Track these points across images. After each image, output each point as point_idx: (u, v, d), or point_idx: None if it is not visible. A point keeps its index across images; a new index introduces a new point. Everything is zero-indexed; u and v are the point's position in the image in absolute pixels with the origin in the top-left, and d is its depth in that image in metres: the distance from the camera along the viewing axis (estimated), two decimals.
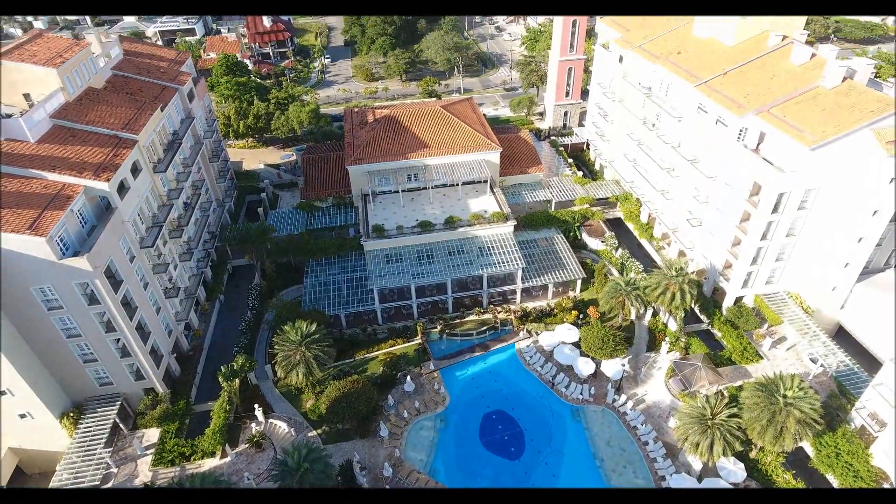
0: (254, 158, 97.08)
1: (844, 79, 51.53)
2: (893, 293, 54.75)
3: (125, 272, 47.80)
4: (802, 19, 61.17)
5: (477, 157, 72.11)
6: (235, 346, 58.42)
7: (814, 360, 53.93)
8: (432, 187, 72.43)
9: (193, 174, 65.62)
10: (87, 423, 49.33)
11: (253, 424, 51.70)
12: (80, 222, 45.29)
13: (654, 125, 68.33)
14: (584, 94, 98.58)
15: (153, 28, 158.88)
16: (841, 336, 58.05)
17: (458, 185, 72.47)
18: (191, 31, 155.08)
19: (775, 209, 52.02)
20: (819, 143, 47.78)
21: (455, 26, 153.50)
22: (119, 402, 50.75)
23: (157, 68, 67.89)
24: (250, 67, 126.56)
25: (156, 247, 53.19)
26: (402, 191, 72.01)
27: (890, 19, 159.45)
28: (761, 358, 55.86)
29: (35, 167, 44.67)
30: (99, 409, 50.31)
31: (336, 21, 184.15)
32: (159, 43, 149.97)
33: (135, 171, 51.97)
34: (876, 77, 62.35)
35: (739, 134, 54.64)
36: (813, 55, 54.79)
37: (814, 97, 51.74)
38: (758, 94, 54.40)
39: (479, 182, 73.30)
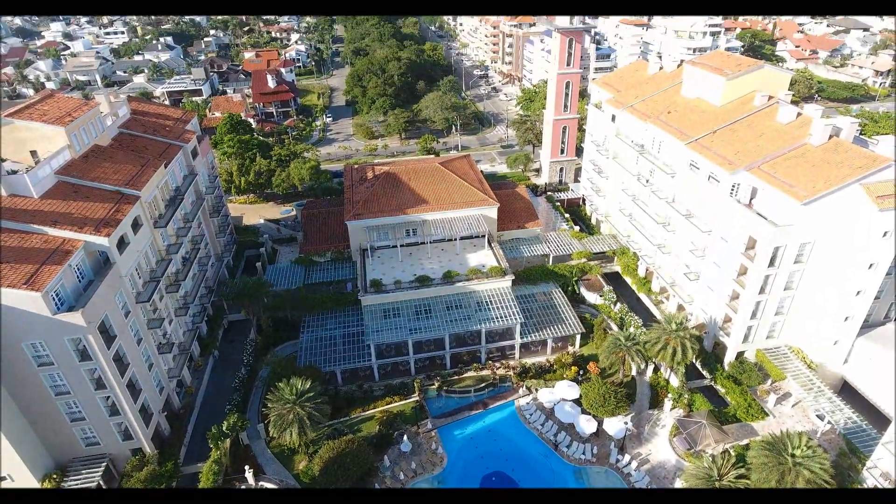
0: (254, 213, 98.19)
1: (831, 136, 53.07)
2: (894, 347, 54.16)
3: (119, 327, 47.25)
4: (787, 81, 63.53)
5: (475, 212, 73.00)
6: (228, 404, 56.95)
7: (821, 417, 52.65)
8: (431, 242, 72.90)
9: (193, 229, 66.13)
10: (70, 485, 47.36)
11: (243, 487, 49.68)
12: (78, 277, 45.16)
13: (647, 181, 69.68)
14: (579, 151, 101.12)
15: (161, 88, 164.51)
16: (846, 391, 56.91)
17: (456, 239, 72.97)
18: (197, 92, 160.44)
19: (772, 263, 52.26)
20: (811, 198, 48.63)
21: (453, 87, 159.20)
22: (104, 464, 48.92)
23: (162, 127, 69.74)
24: (254, 126, 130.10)
25: (152, 301, 52.86)
26: (401, 245, 72.42)
27: (871, 79, 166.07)
28: (767, 415, 54.56)
29: (36, 222, 44.99)
30: (83, 471, 48.41)
31: (338, 82, 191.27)
32: (167, 102, 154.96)
33: (135, 226, 52.37)
34: (861, 134, 64.09)
35: (732, 189, 55.63)
36: (799, 114, 56.63)
37: (802, 154, 53.07)
38: (747, 151, 55.81)
39: (477, 237, 73.86)
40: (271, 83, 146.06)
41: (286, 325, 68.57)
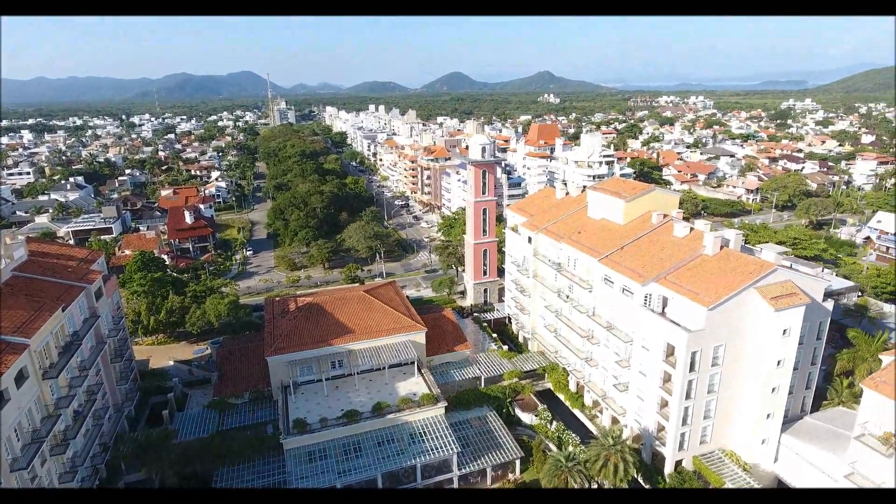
0: (163, 355, 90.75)
1: (722, 247, 58.51)
2: (813, 440, 56.17)
3: None
4: (676, 200, 70.87)
5: (402, 338, 71.68)
6: None
7: None
8: (358, 373, 69.86)
9: (90, 378, 59.52)
10: None
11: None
12: None
13: (568, 296, 72.38)
14: (501, 272, 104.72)
15: (66, 228, 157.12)
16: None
17: (384, 368, 70.48)
18: (107, 230, 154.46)
19: (692, 367, 54.08)
20: (715, 303, 52.06)
21: (375, 217, 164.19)
22: None
23: (64, 268, 65.17)
24: (168, 262, 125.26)
25: (31, 468, 45.30)
26: (326, 379, 68.71)
27: (744, 196, 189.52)
28: None
29: None
30: None
31: (260, 216, 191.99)
32: (71, 242, 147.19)
33: (20, 378, 46.29)
34: (746, 243, 71.23)
35: (645, 300, 58.70)
36: (691, 229, 62.51)
37: (700, 264, 57.73)
38: (653, 264, 60.03)
39: (407, 364, 71.82)
40: (188, 219, 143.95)
41: (196, 481, 60.57)
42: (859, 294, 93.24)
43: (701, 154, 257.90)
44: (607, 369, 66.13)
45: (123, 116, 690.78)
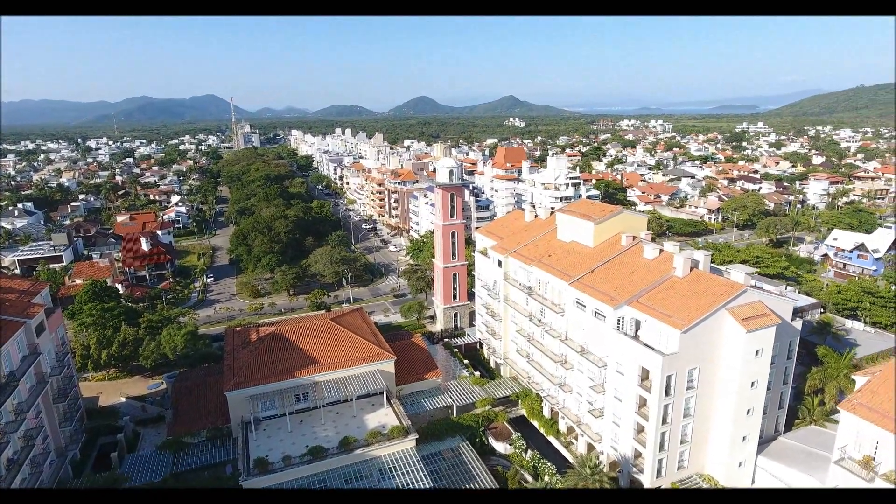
0: (115, 391, 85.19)
1: (692, 268, 58.26)
2: (788, 461, 55.71)
3: None
4: (644, 222, 70.75)
5: (370, 367, 68.85)
6: None
7: None
8: (324, 406, 66.54)
9: (28, 421, 54.66)
10: None
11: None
12: None
13: (540, 320, 71.01)
14: (471, 295, 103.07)
15: (12, 257, 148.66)
16: None
17: (352, 399, 67.35)
18: (57, 258, 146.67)
19: (667, 392, 53.03)
20: (688, 326, 51.36)
21: (342, 241, 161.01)
22: None
23: (1, 302, 60.37)
24: (122, 291, 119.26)
25: None
26: (290, 413, 65.14)
27: (706, 216, 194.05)
28: None
29: None
30: None
31: (222, 241, 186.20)
32: (17, 272, 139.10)
33: None
34: (712, 263, 71.48)
35: (618, 323, 57.72)
36: (661, 250, 62.23)
37: (671, 286, 57.23)
38: (625, 286, 59.28)
39: (376, 394, 68.84)
40: (145, 246, 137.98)
41: None
42: (822, 310, 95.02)
43: (663, 175, 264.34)
44: (581, 394, 64.66)
45: (79, 140, 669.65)
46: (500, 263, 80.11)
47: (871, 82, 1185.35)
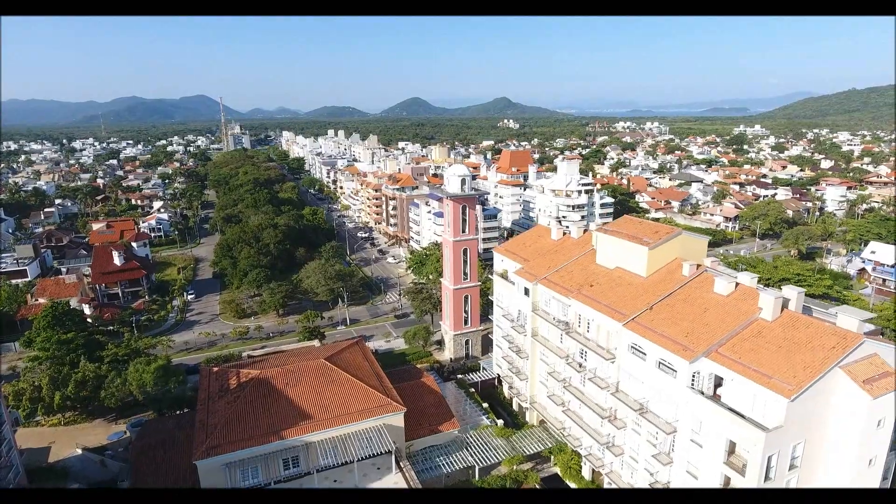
0: (70, 439, 72.08)
1: (783, 308, 46.35)
2: None
3: None
4: (705, 246, 58.63)
5: (375, 422, 56.56)
6: None
7: None
8: (318, 472, 54.08)
9: None
10: None
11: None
12: None
13: (580, 364, 58.85)
14: (483, 316, 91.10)
15: None
16: None
17: (353, 462, 54.78)
18: (21, 273, 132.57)
19: (767, 476, 41.03)
20: (798, 392, 39.36)
21: (336, 253, 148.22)
22: None
23: None
24: (88, 313, 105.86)
25: None
26: (277, 483, 52.58)
27: (722, 224, 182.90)
28: None
29: None
30: None
31: (206, 251, 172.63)
32: None
33: None
34: (760, 282, 58.58)
35: (693, 380, 45.68)
36: (737, 284, 50.27)
37: (759, 332, 45.28)
38: (697, 331, 47.25)
39: (381, 454, 56.34)
40: (118, 260, 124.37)
41: None
42: (880, 335, 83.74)
43: (670, 180, 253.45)
44: (638, 461, 52.53)
45: (64, 141, 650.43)
46: (526, 292, 67.77)
47: (862, 85, 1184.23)
